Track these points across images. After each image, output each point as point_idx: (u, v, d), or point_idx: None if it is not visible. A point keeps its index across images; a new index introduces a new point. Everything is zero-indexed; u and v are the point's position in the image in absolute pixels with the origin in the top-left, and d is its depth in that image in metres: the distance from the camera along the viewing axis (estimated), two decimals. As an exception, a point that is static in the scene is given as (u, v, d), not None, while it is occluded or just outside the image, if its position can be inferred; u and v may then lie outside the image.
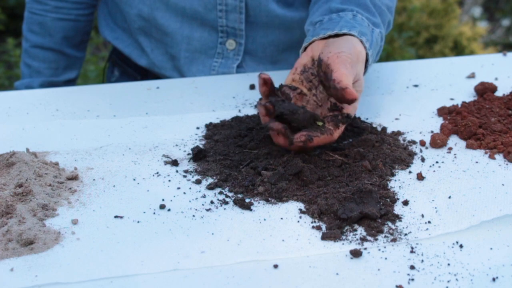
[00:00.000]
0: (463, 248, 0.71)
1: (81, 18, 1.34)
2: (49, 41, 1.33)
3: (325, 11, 1.02)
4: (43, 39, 1.33)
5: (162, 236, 0.73)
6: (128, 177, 0.85)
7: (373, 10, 1.02)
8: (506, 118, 0.98)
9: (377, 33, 0.99)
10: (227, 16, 1.19)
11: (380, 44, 1.03)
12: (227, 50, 1.23)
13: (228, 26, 1.20)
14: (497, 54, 1.31)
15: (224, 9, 1.18)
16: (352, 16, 0.98)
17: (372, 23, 1.00)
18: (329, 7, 1.02)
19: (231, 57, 1.23)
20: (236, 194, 0.81)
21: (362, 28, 0.95)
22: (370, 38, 0.96)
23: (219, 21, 1.20)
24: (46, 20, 1.31)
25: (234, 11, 1.18)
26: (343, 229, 0.74)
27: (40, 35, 1.33)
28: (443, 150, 0.92)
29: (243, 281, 0.66)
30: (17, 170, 0.82)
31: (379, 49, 1.04)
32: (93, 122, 1.01)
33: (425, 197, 0.80)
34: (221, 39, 1.22)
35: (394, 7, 1.14)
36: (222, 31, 1.21)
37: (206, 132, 0.97)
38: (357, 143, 0.91)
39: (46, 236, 0.72)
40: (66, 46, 1.36)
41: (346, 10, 1.00)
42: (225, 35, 1.22)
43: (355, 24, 0.95)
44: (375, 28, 1.00)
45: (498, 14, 4.00)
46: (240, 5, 1.18)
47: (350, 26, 0.94)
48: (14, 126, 0.99)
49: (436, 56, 3.21)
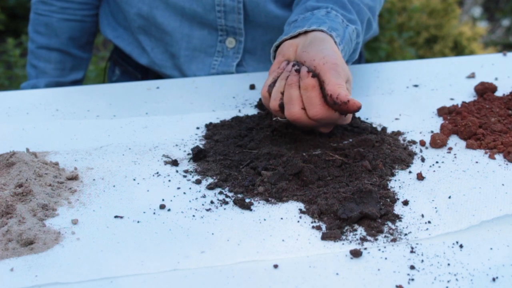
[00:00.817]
0: (463, 248, 0.71)
1: (86, 18, 1.35)
2: (55, 41, 1.34)
3: (301, 10, 1.02)
4: (49, 40, 1.33)
5: (162, 236, 0.73)
6: (128, 177, 0.85)
7: (349, 8, 1.02)
8: (506, 118, 0.98)
9: (351, 29, 0.99)
10: (226, 17, 1.19)
11: (357, 41, 1.03)
12: (227, 49, 1.23)
13: (227, 25, 1.20)
14: (497, 54, 1.31)
15: (222, 10, 1.18)
16: (326, 12, 0.98)
17: (348, 20, 1.00)
18: (305, 6, 1.02)
19: (231, 55, 1.24)
20: (236, 194, 0.81)
21: (334, 24, 0.95)
22: (341, 34, 0.95)
23: (218, 21, 1.20)
24: (52, 21, 1.32)
25: (233, 11, 1.18)
26: (343, 229, 0.74)
27: (46, 36, 1.33)
28: (443, 150, 0.92)
29: (243, 281, 0.66)
30: (17, 170, 0.82)
31: (356, 46, 1.03)
32: (93, 122, 1.01)
33: (425, 197, 0.80)
34: (220, 37, 1.22)
35: (377, 8, 1.13)
36: (221, 30, 1.21)
37: (206, 132, 0.97)
38: (357, 143, 0.91)
39: (46, 236, 0.72)
40: (72, 46, 1.36)
41: (321, 8, 1.00)
42: (224, 33, 1.22)
43: (326, 20, 0.95)
44: (350, 24, 0.99)
45: (498, 14, 4.00)
46: (238, 6, 1.18)
47: (320, 22, 0.94)
48: (14, 126, 0.99)
49: (436, 56, 3.21)
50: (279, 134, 0.94)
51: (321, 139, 0.92)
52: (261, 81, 1.12)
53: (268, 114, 1.00)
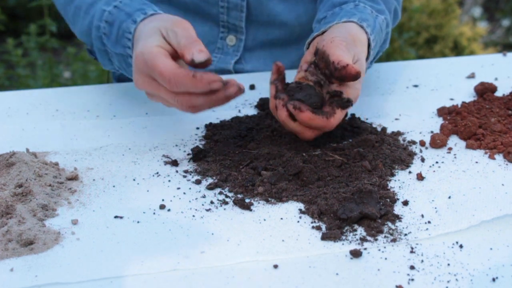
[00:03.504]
0: (463, 248, 0.71)
1: None
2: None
3: (329, 7, 1.03)
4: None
5: (162, 236, 0.73)
6: (128, 177, 0.85)
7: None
8: (506, 118, 0.98)
9: (381, 19, 1.00)
10: (229, 13, 1.19)
11: (387, 31, 1.04)
12: (227, 46, 1.22)
13: (229, 22, 1.20)
14: (497, 54, 1.31)
15: (225, 6, 1.18)
16: (354, 6, 1.00)
17: (376, 10, 1.01)
18: (332, 2, 1.04)
19: (230, 53, 1.23)
20: (236, 194, 0.81)
21: (363, 15, 0.96)
22: (372, 24, 0.97)
23: (220, 17, 1.20)
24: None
25: (235, 9, 1.18)
26: (343, 229, 0.74)
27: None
28: (443, 150, 0.92)
29: (243, 281, 0.66)
30: (17, 170, 0.82)
31: (386, 36, 1.05)
32: (93, 122, 1.01)
33: (425, 197, 0.80)
34: (222, 34, 1.22)
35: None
36: (223, 26, 1.21)
37: (206, 132, 0.97)
38: (357, 143, 0.91)
39: (46, 236, 0.72)
40: None
41: (348, 2, 1.01)
42: (226, 30, 1.21)
43: (355, 12, 0.97)
44: (379, 14, 1.01)
45: (498, 14, 4.00)
46: (241, 3, 1.17)
47: (350, 15, 0.96)
48: (14, 126, 0.99)
49: (436, 56, 3.21)
50: (279, 134, 0.94)
51: (321, 139, 0.92)
52: (261, 81, 1.12)
53: (268, 114, 1.00)
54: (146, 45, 0.84)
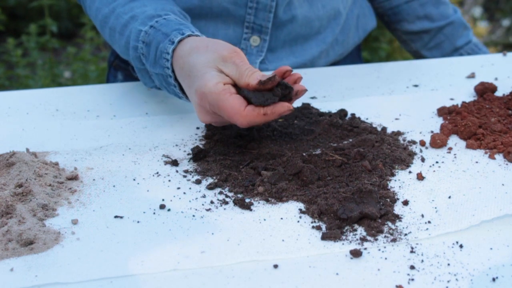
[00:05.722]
0: (463, 248, 0.71)
1: None
2: None
3: None
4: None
5: (162, 236, 0.73)
6: (128, 177, 0.85)
7: None
8: (506, 118, 0.98)
9: None
10: (256, 14, 1.18)
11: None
12: (251, 47, 1.22)
13: (255, 23, 1.19)
14: (497, 54, 1.31)
15: (254, 7, 1.17)
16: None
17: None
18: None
19: (254, 53, 1.22)
20: (236, 194, 0.81)
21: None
22: None
23: (247, 18, 1.18)
24: None
25: (264, 9, 1.17)
26: (343, 229, 0.74)
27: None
28: (443, 150, 0.92)
29: (243, 281, 0.66)
30: (17, 170, 0.82)
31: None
32: (93, 122, 1.01)
33: (425, 197, 0.80)
34: (245, 35, 1.21)
35: None
36: (247, 27, 1.20)
37: (206, 132, 0.97)
38: (357, 143, 0.91)
39: (46, 236, 0.72)
40: None
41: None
42: (250, 31, 1.20)
43: None
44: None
45: (498, 14, 4.00)
46: (271, 3, 1.17)
47: None
48: (14, 126, 0.99)
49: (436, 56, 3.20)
50: (279, 134, 0.94)
51: (321, 139, 0.92)
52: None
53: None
54: (206, 84, 0.83)
